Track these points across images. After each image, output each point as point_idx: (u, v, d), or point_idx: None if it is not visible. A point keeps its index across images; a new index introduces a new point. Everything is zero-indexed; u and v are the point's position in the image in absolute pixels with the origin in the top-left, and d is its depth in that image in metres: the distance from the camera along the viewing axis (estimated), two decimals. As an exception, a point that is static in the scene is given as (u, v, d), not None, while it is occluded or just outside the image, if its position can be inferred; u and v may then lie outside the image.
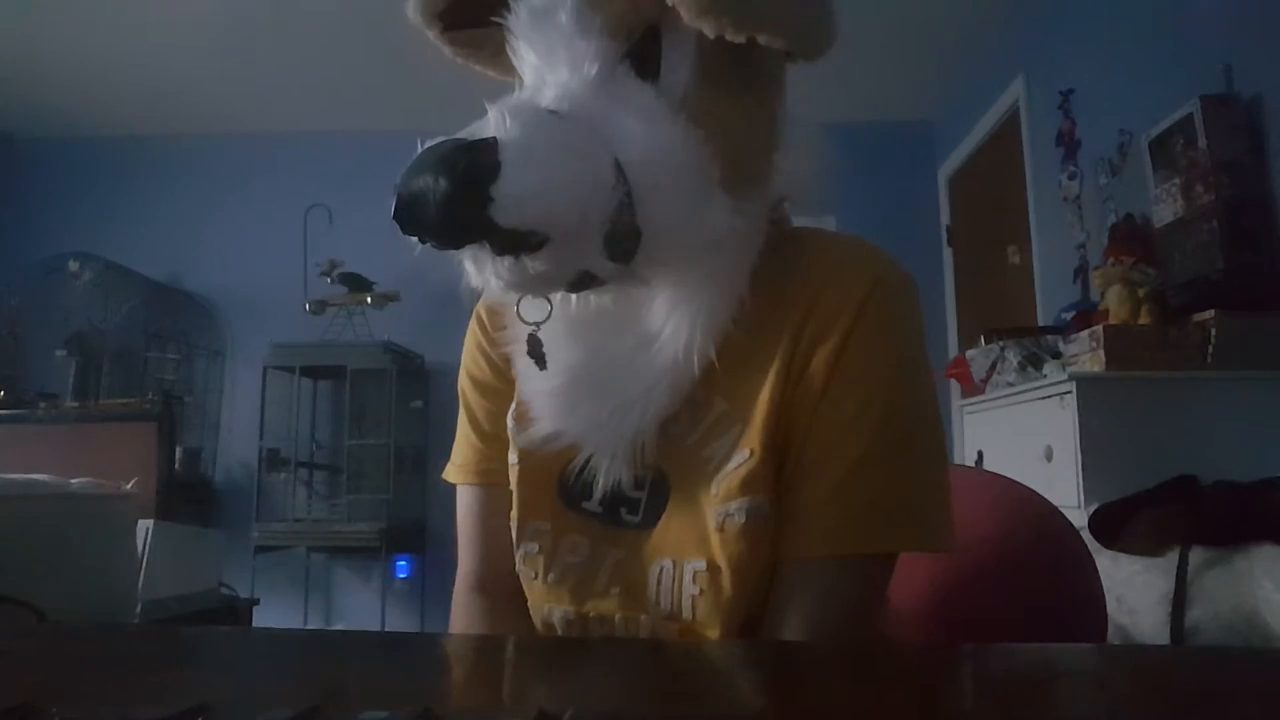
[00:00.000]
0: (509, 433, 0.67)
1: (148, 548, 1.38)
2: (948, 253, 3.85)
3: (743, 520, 0.57)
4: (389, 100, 3.78)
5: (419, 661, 0.47)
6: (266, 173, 4.10)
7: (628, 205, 0.52)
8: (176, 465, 3.12)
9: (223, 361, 4.00)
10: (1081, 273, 2.58)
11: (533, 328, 0.60)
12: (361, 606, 3.79)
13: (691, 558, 0.59)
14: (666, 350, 0.58)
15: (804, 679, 0.43)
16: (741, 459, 0.58)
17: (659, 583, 0.60)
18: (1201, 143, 1.85)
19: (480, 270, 0.53)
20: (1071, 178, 2.63)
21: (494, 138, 0.48)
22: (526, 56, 0.58)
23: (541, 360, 0.61)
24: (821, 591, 0.57)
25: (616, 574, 0.63)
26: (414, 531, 3.68)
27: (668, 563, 0.60)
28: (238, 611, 1.75)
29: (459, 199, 0.46)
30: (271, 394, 3.62)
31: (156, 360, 3.75)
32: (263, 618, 2.04)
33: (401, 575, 3.73)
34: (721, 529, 0.58)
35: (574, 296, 0.59)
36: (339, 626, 3.81)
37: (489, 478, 0.70)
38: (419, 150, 0.49)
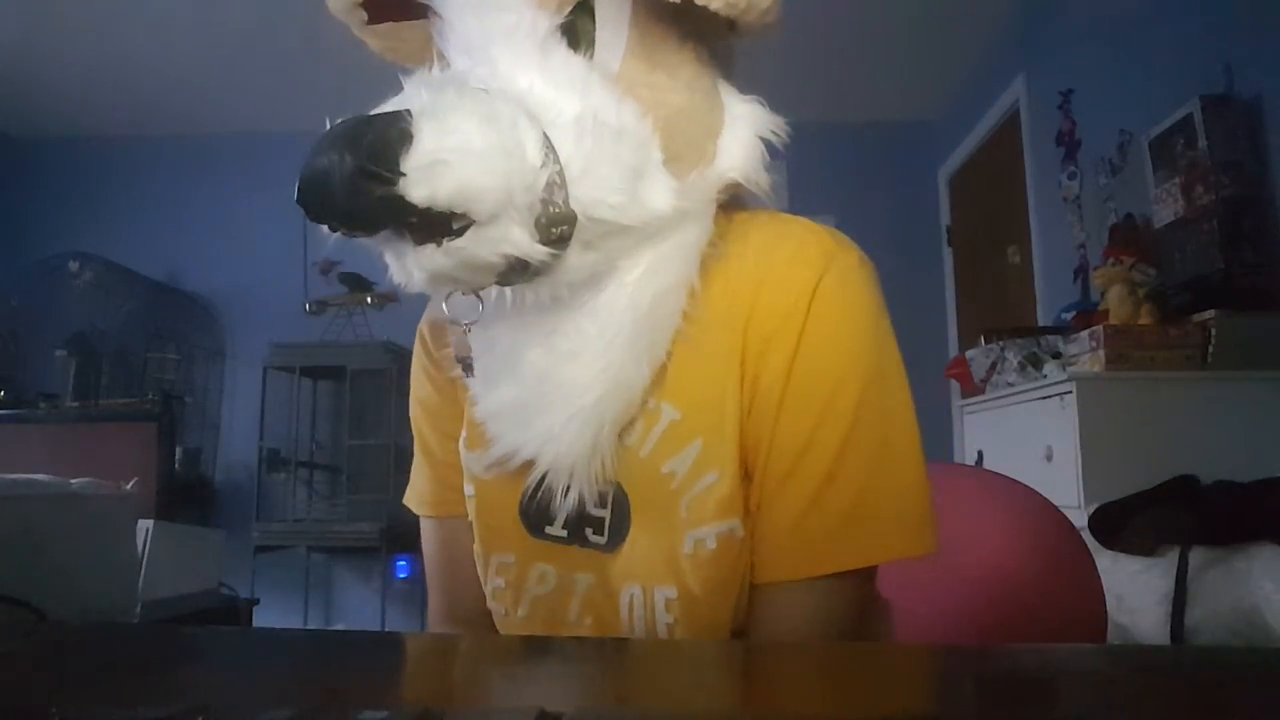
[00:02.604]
0: (462, 461, 0.63)
1: (148, 548, 1.38)
2: (948, 253, 3.85)
3: (714, 546, 0.55)
4: (389, 100, 3.78)
5: (419, 661, 0.47)
6: (266, 173, 4.09)
7: (559, 185, 0.47)
8: (176, 465, 3.11)
9: (223, 361, 4.00)
10: (1081, 273, 2.58)
11: (464, 328, 0.55)
12: (361, 606, 3.79)
13: (661, 584, 0.56)
14: (616, 350, 0.53)
15: (803, 679, 0.43)
16: (709, 480, 0.55)
17: (630, 611, 0.57)
18: (1201, 143, 1.85)
19: (400, 262, 0.48)
20: (1071, 178, 2.63)
21: (406, 109, 0.43)
22: (451, 34, 0.53)
23: (469, 369, 0.57)
24: (802, 612, 0.55)
25: (588, 602, 0.59)
26: (414, 531, 3.58)
27: (637, 590, 0.57)
28: (238, 611, 1.75)
29: (366, 174, 0.41)
30: (271, 394, 3.61)
31: (156, 360, 3.74)
32: (263, 618, 2.04)
33: (401, 575, 3.73)
34: (694, 555, 0.55)
35: (509, 295, 0.53)
36: (339, 626, 3.81)
37: (447, 509, 0.67)
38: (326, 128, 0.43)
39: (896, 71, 3.53)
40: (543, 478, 0.56)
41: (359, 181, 0.41)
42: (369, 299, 3.58)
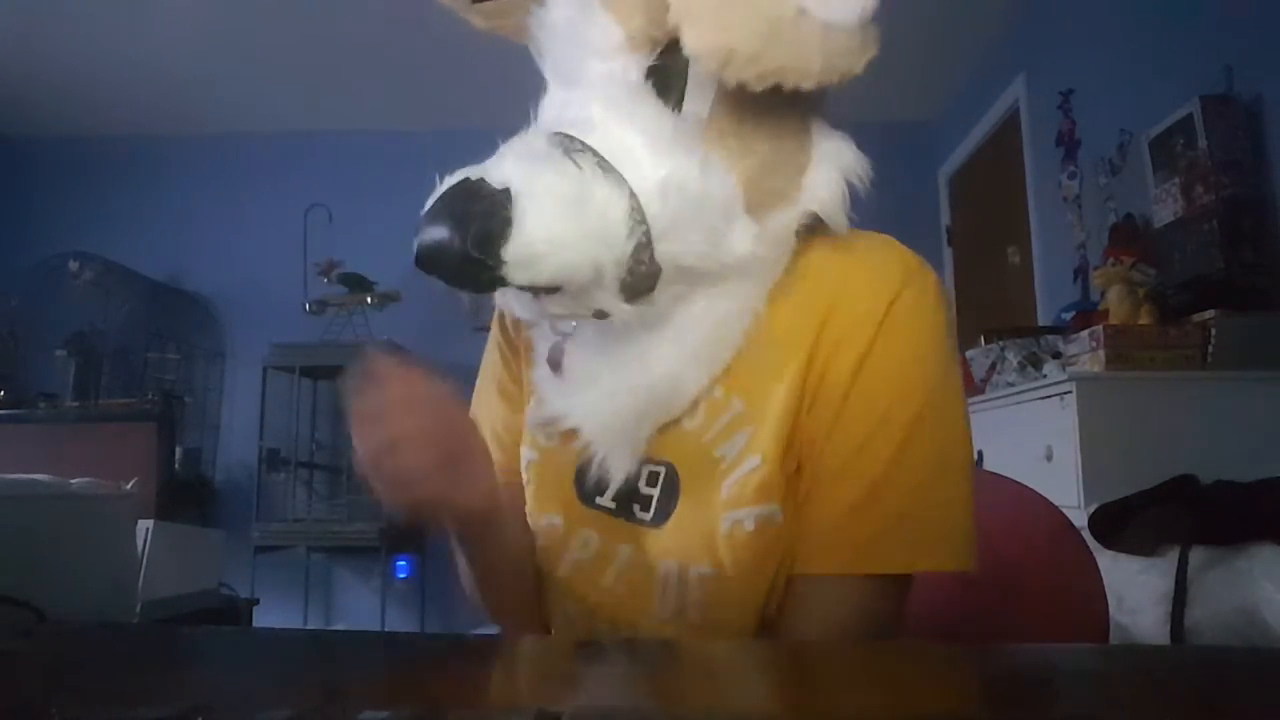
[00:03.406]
0: (527, 421, 0.67)
1: (148, 548, 1.38)
2: (948, 253, 3.85)
3: (752, 528, 0.56)
4: (389, 100, 3.78)
5: (419, 661, 0.47)
6: (266, 173, 4.10)
7: (646, 246, 0.51)
8: (176, 465, 3.12)
9: (223, 361, 3.99)
10: (1081, 273, 2.58)
11: (559, 338, 0.61)
12: (361, 606, 3.79)
13: (697, 562, 0.59)
14: (669, 359, 0.57)
15: (805, 679, 0.43)
16: (752, 464, 0.57)
17: (665, 586, 0.60)
18: (1201, 143, 1.85)
19: (504, 297, 0.56)
20: (1071, 178, 2.63)
21: (507, 189, 0.48)
22: (548, 63, 0.57)
23: (558, 368, 0.61)
24: (837, 608, 0.57)
25: (625, 572, 0.62)
26: (414, 531, 3.68)
27: (674, 565, 0.60)
28: (238, 611, 1.75)
29: (472, 262, 0.47)
30: (271, 394, 3.61)
31: (156, 360, 3.74)
32: (263, 618, 2.04)
33: (401, 575, 3.73)
34: (730, 535, 0.57)
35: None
36: (339, 626, 3.81)
37: (506, 477, 0.70)
38: (438, 188, 0.49)
39: (896, 71, 3.52)
40: (598, 456, 0.60)
41: (466, 266, 0.48)
42: (369, 299, 3.58)
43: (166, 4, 3.08)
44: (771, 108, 0.56)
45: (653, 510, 0.61)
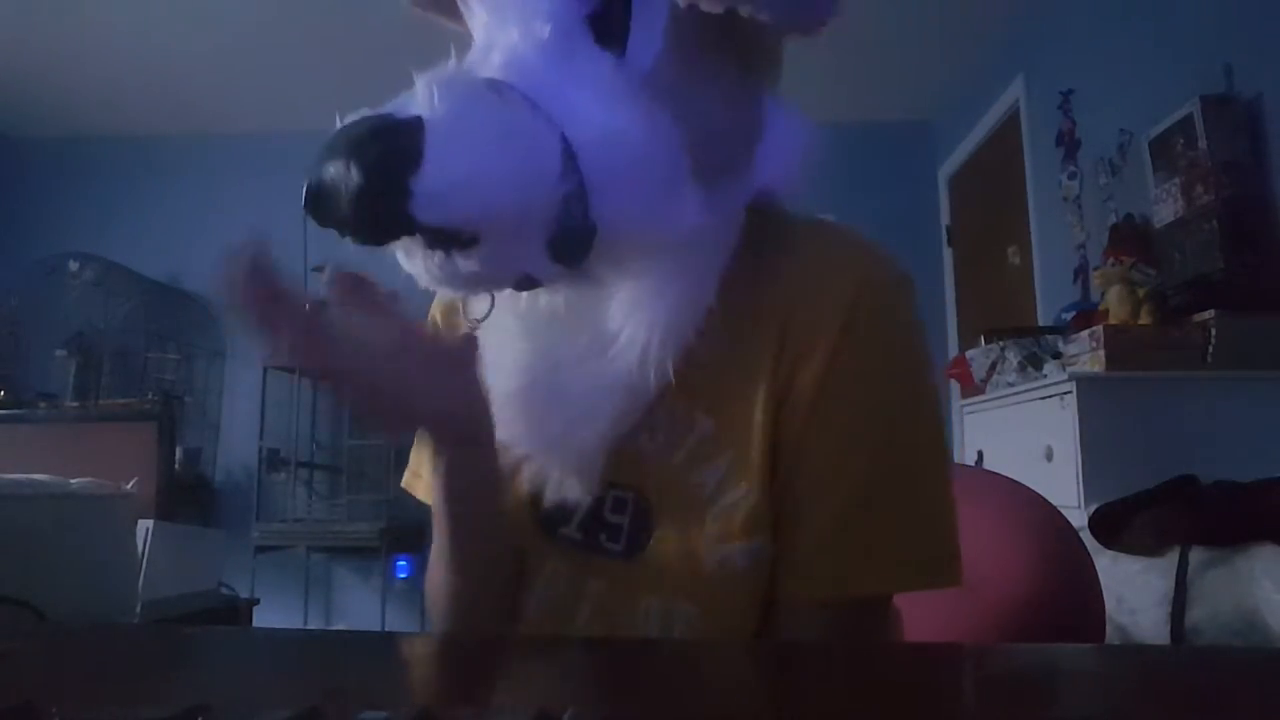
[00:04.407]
0: None
1: (148, 548, 1.37)
2: (948, 253, 3.85)
3: (745, 564, 0.52)
4: (389, 100, 3.78)
5: (419, 661, 0.47)
6: (266, 173, 4.09)
7: (579, 197, 0.44)
8: (176, 465, 3.11)
9: (223, 361, 3.99)
10: (1081, 273, 2.58)
11: (473, 325, 0.54)
12: (361, 606, 3.79)
13: (683, 602, 0.54)
14: (621, 359, 0.51)
15: (802, 679, 0.43)
16: (739, 495, 0.53)
17: (646, 625, 0.55)
18: (1201, 143, 1.85)
19: (411, 260, 0.47)
20: (1071, 178, 2.63)
21: (418, 117, 0.41)
22: (475, 11, 0.50)
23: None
24: (824, 633, 0.54)
25: (599, 610, 0.57)
26: (414, 531, 3.67)
27: (655, 604, 0.55)
28: (238, 611, 1.75)
29: (374, 193, 0.39)
30: (271, 394, 3.62)
31: (156, 360, 3.74)
32: (263, 618, 2.03)
33: (401, 575, 3.73)
34: (721, 570, 0.53)
35: (524, 297, 0.53)
36: (339, 626, 3.81)
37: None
38: (336, 126, 0.42)
39: (896, 71, 3.53)
40: (539, 474, 0.55)
41: (365, 201, 0.40)
42: (369, 299, 3.58)
43: (168, 4, 3.08)
44: (723, 66, 0.51)
45: (623, 541, 0.56)
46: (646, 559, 0.55)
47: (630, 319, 0.52)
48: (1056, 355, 1.98)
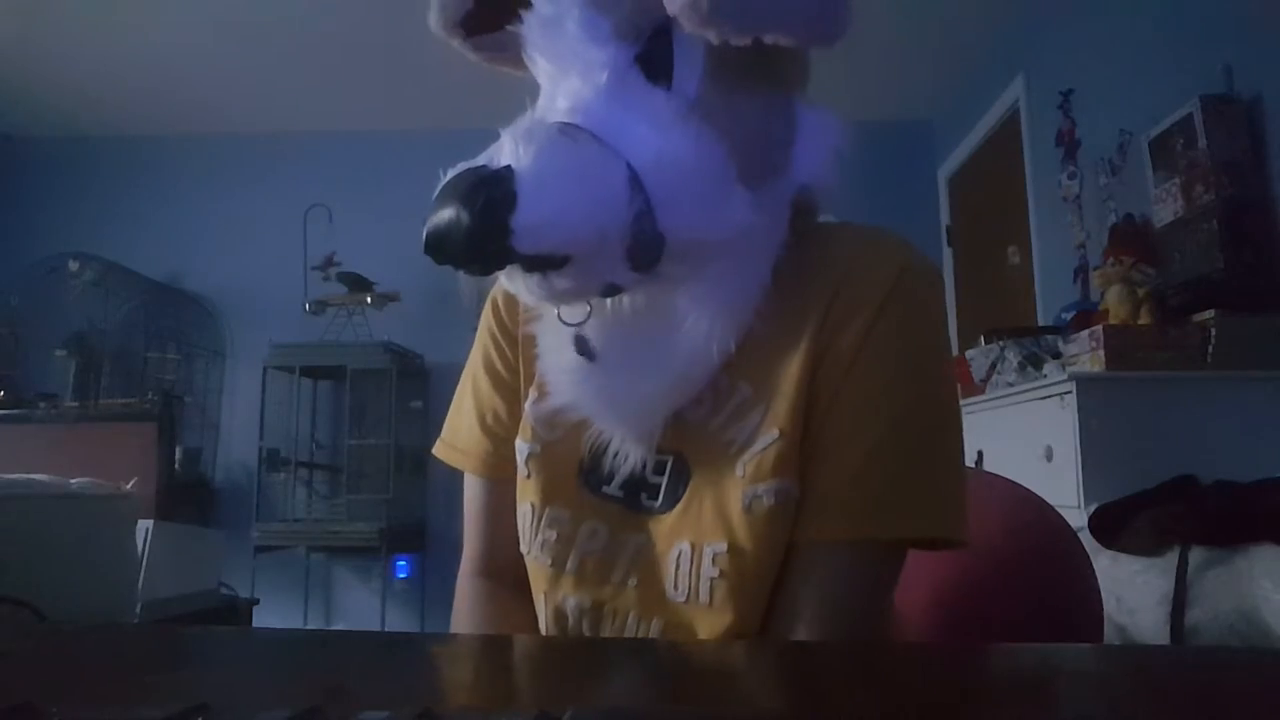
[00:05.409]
0: (530, 420, 0.67)
1: (148, 548, 1.38)
2: (948, 253, 3.85)
3: (771, 502, 0.57)
4: (389, 100, 3.78)
5: (419, 661, 0.47)
6: (266, 173, 4.10)
7: (647, 214, 0.52)
8: (176, 465, 3.12)
9: (223, 361, 4.00)
10: (1081, 273, 2.58)
11: (575, 327, 0.62)
12: (361, 606, 3.79)
13: (712, 540, 0.59)
14: (686, 340, 0.59)
15: (804, 679, 0.43)
16: (769, 440, 0.58)
17: (677, 567, 0.60)
18: (1201, 143, 1.85)
19: (513, 282, 0.55)
20: (1071, 178, 2.63)
21: (508, 166, 0.50)
22: (540, 65, 0.59)
23: (591, 354, 0.62)
24: (835, 575, 0.58)
25: (635, 562, 0.63)
26: (414, 531, 3.68)
27: (686, 546, 0.60)
28: (238, 611, 1.75)
29: (480, 234, 0.48)
30: (271, 394, 3.62)
31: (156, 360, 3.74)
32: (263, 618, 2.04)
33: (401, 575, 3.73)
34: (749, 510, 0.58)
35: (609, 301, 0.61)
36: (339, 626, 3.81)
37: (498, 472, 0.71)
38: (442, 180, 0.51)
39: (896, 71, 3.53)
40: (605, 446, 0.62)
41: (474, 240, 0.48)
42: (369, 299, 3.58)
43: (166, 4, 3.08)
44: (757, 83, 0.59)
45: (660, 497, 0.63)
46: (679, 508, 0.62)
47: (696, 306, 0.59)
48: (1056, 355, 1.98)
